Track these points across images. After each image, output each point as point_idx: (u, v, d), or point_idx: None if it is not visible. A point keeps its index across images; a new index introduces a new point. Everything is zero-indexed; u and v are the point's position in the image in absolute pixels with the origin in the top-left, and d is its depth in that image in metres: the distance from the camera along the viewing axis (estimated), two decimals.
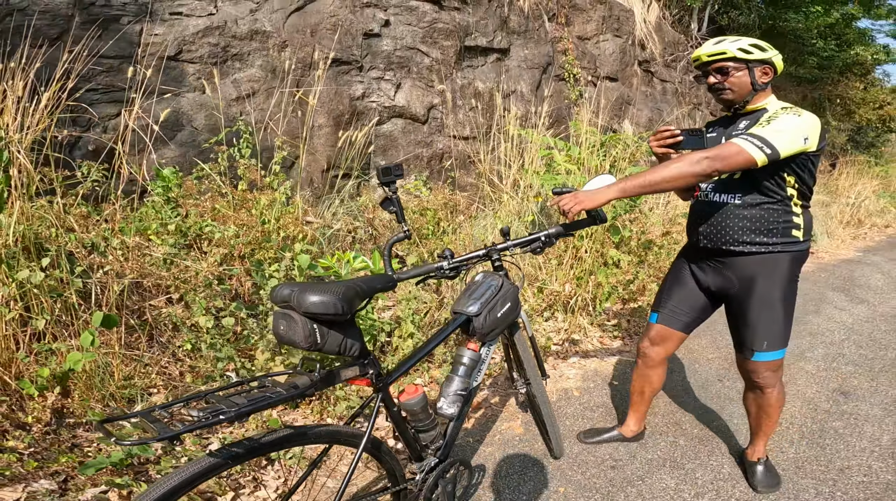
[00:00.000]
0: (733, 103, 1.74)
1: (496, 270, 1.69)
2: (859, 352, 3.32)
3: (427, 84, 5.01)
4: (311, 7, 4.45)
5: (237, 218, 2.84)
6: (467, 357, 1.47)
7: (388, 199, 1.60)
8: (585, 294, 3.32)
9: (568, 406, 2.58)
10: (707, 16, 9.68)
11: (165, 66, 3.84)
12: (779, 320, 1.71)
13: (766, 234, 1.68)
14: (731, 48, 1.67)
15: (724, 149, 1.53)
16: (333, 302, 1.09)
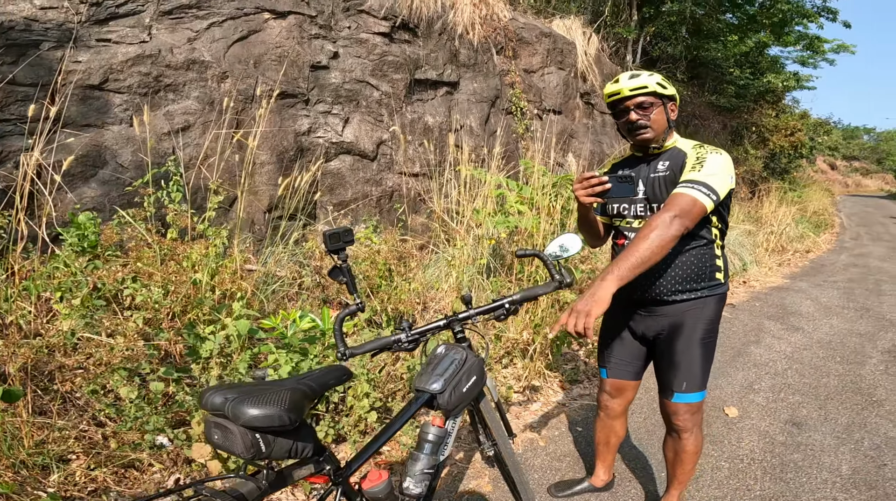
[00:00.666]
0: (650, 142, 1.69)
1: (458, 341, 1.60)
2: (803, 381, 3.44)
3: (376, 118, 4.88)
4: (256, 37, 4.22)
5: (165, 272, 2.55)
6: (432, 433, 1.40)
7: (338, 269, 1.48)
8: (543, 340, 3.28)
9: (535, 457, 2.52)
10: (640, 47, 10.26)
11: (88, 95, 3.48)
12: (698, 361, 1.72)
13: (696, 281, 1.69)
14: (651, 82, 1.63)
15: (683, 203, 1.49)
16: (278, 414, 1.00)
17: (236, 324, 2.20)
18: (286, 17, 4.39)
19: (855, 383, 3.39)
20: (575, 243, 1.67)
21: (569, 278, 1.60)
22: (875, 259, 8.52)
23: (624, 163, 1.83)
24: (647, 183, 1.69)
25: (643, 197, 1.70)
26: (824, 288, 6.24)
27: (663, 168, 1.67)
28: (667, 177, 1.66)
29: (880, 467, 2.39)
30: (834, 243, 10.66)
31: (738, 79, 13.25)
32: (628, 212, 1.75)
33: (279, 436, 1.04)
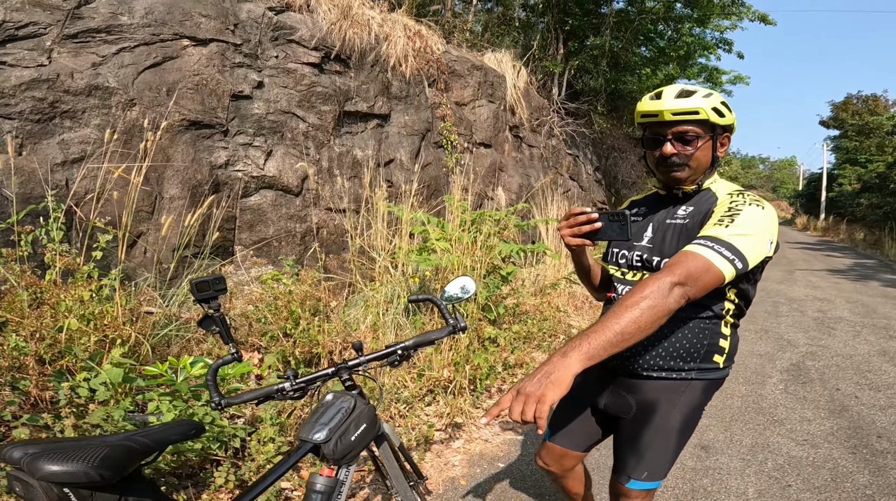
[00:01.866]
0: (683, 182, 1.35)
1: (348, 389, 1.55)
2: (710, 403, 3.64)
3: (302, 152, 4.75)
4: (171, 64, 4.00)
5: (37, 317, 2.31)
6: (321, 483, 1.34)
7: (209, 318, 1.42)
8: (463, 379, 3.27)
9: (455, 497, 2.47)
10: (566, 81, 10.84)
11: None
12: (669, 452, 1.43)
13: (685, 359, 1.35)
14: (705, 106, 1.27)
15: (692, 266, 1.12)
16: (84, 470, 0.95)
17: (108, 372, 2.05)
18: (207, 44, 4.22)
19: (757, 403, 3.62)
20: (470, 286, 1.66)
21: (462, 323, 1.59)
22: (773, 282, 9.37)
23: (644, 201, 1.51)
24: (658, 228, 1.37)
25: (648, 244, 1.37)
26: None
27: (683, 214, 1.34)
28: (685, 225, 1.32)
29: (785, 488, 2.53)
30: None
31: None
32: (624, 261, 1.43)
33: (99, 491, 1.00)
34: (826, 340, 5.29)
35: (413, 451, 2.76)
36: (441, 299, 1.65)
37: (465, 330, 1.60)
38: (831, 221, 24.64)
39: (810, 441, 3.03)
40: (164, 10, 4.01)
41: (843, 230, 21.38)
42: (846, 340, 5.28)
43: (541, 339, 4.56)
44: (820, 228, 25.47)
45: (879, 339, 5.31)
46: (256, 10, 4.61)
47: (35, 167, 3.28)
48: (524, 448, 2.97)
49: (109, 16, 3.77)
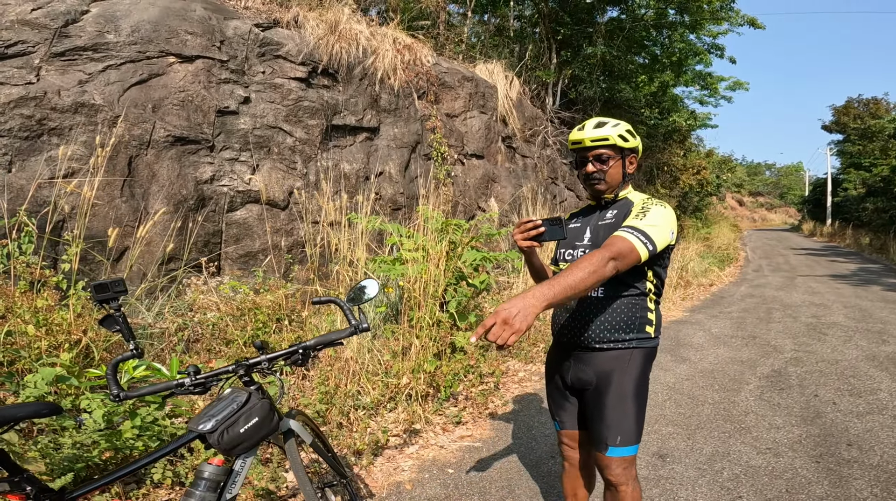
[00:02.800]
0: (602, 193, 1.73)
1: (246, 385, 1.63)
2: (678, 411, 3.52)
3: (289, 166, 4.84)
4: (157, 81, 4.14)
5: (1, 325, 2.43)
6: (208, 471, 1.44)
7: (110, 317, 1.50)
8: (421, 385, 3.32)
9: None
10: (560, 90, 10.92)
11: None
12: (631, 415, 1.69)
13: (624, 330, 1.67)
14: (613, 134, 1.67)
15: (622, 247, 1.49)
16: None
17: (42, 372, 2.18)
18: (193, 61, 4.35)
19: (727, 411, 3.60)
20: (373, 288, 1.76)
21: (364, 323, 1.67)
22: (772, 288, 9.32)
23: (581, 212, 1.88)
24: (594, 229, 1.73)
25: (588, 242, 1.74)
26: (719, 319, 6.74)
27: (610, 216, 1.71)
28: (612, 224, 1.69)
29: (735, 499, 2.51)
30: (737, 276, 11.56)
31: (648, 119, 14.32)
32: (570, 257, 1.77)
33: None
34: (814, 345, 5.26)
35: (363, 455, 2.81)
36: (345, 301, 1.73)
37: (367, 330, 1.68)
38: (837, 226, 24.42)
39: (774, 449, 3.01)
40: (150, 28, 4.15)
41: (849, 235, 21.19)
42: (835, 345, 5.25)
43: (517, 347, 4.59)
44: (826, 234, 25.25)
45: (871, 344, 5.27)
46: (243, 27, 4.75)
47: (24, 183, 3.40)
48: (477, 454, 3.00)
49: (96, 34, 3.91)
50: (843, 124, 25.48)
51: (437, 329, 3.49)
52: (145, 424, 2.25)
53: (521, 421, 3.44)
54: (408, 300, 3.55)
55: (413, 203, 5.95)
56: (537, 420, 3.47)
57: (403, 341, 3.44)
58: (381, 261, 3.67)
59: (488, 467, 2.84)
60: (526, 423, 3.41)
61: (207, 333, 3.28)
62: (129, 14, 4.17)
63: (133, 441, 2.20)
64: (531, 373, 4.33)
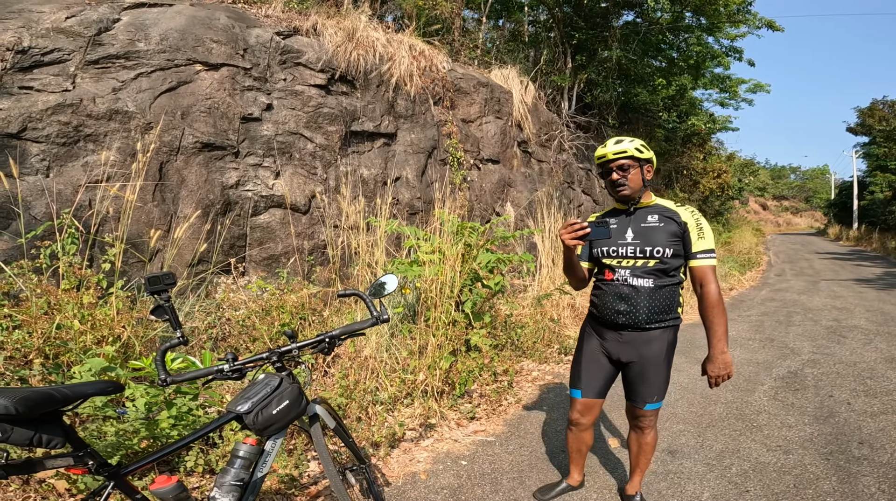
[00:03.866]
0: (629, 198, 2.08)
1: (278, 371, 1.75)
2: (690, 410, 3.57)
3: (309, 171, 5.01)
4: (185, 89, 4.34)
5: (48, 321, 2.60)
6: (243, 450, 1.56)
7: (160, 307, 1.63)
8: (435, 379, 3.42)
9: (413, 489, 2.60)
10: (575, 94, 10.95)
11: (6, 144, 3.47)
12: (663, 378, 2.16)
13: (666, 312, 2.07)
14: (630, 147, 2.02)
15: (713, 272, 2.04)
16: (4, 404, 1.16)
17: (88, 361, 2.32)
18: (219, 68, 4.55)
19: (740, 410, 3.62)
20: (393, 282, 1.92)
21: (385, 314, 1.83)
22: (794, 293, 9.18)
23: (607, 214, 2.21)
24: (639, 231, 2.07)
25: (633, 242, 2.07)
26: (737, 322, 6.68)
27: (654, 220, 2.06)
28: (661, 228, 2.05)
29: (742, 493, 2.55)
30: (758, 280, 11.39)
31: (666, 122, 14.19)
32: (617, 254, 2.11)
33: (17, 426, 1.21)
34: (833, 348, 5.21)
35: (380, 447, 2.93)
36: (367, 294, 1.87)
37: (387, 322, 1.86)
38: (864, 230, 23.79)
39: (784, 446, 3.03)
40: (178, 36, 4.36)
41: (875, 239, 20.64)
42: (854, 348, 5.19)
43: (531, 348, 4.66)
44: (853, 238, 24.61)
45: (891, 347, 5.20)
46: (265, 35, 4.94)
47: (62, 188, 3.61)
48: (490, 448, 3.08)
49: (128, 42, 4.12)
50: (869, 126, 24.87)
51: (453, 328, 3.59)
52: (181, 413, 2.38)
53: (533, 418, 3.51)
54: (424, 300, 3.65)
55: (430, 207, 6.07)
56: (549, 416, 3.54)
57: (420, 340, 3.55)
58: (399, 263, 3.79)
59: (500, 459, 2.93)
60: (538, 420, 3.48)
61: (235, 331, 3.44)
62: (157, 22, 4.38)
63: (169, 431, 2.32)
64: (545, 373, 4.39)
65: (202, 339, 3.29)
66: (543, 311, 5.14)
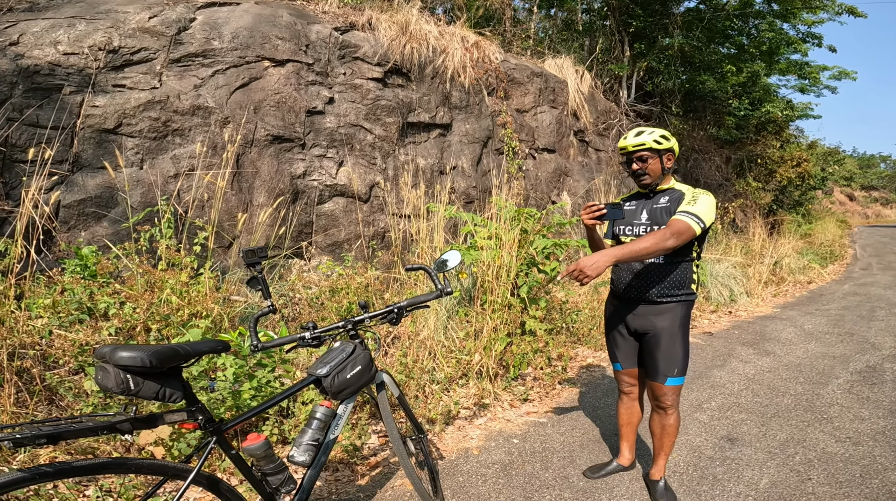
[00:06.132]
0: (649, 185, 2.21)
1: (352, 339, 1.89)
2: (755, 400, 3.49)
3: (369, 161, 5.22)
4: (256, 84, 4.66)
5: (150, 297, 2.90)
6: (320, 412, 1.69)
7: (255, 278, 1.79)
8: (490, 361, 3.48)
9: (465, 463, 2.70)
10: (634, 83, 10.60)
11: (104, 139, 3.88)
12: (681, 351, 2.20)
13: (678, 288, 2.16)
14: (649, 139, 2.13)
15: (681, 226, 1.97)
16: (140, 356, 1.27)
17: (189, 333, 2.58)
18: (285, 64, 4.84)
19: (810, 402, 3.46)
20: (456, 257, 2.01)
21: (448, 288, 1.93)
22: (879, 287, 8.47)
23: (631, 197, 2.35)
24: (651, 211, 2.21)
25: (647, 221, 2.21)
26: (814, 315, 6.28)
27: (664, 201, 2.17)
28: (668, 208, 2.16)
29: (804, 481, 2.46)
30: (841, 274, 10.57)
31: (737, 110, 13.38)
32: (632, 232, 2.25)
33: (147, 379, 1.31)
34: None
35: (436, 423, 3.05)
36: (432, 268, 1.99)
37: (451, 294, 1.98)
38: None
39: (854, 438, 2.89)
40: (247, 34, 4.67)
41: None
42: None
43: (587, 335, 4.63)
44: None
45: None
46: (324, 31, 5.19)
47: (153, 179, 4.00)
48: (542, 428, 3.13)
49: (204, 41, 4.47)
50: None
51: (509, 312, 3.66)
52: (260, 385, 2.59)
53: (586, 402, 3.52)
54: (481, 284, 3.74)
55: (485, 196, 6.14)
56: (603, 401, 3.53)
57: (476, 323, 3.65)
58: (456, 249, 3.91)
59: (551, 439, 2.98)
60: (591, 404, 3.49)
61: (305, 311, 3.69)
62: (228, 21, 4.71)
63: (249, 401, 2.53)
64: (600, 360, 4.36)
65: (275, 319, 3.56)
66: (600, 299, 5.08)
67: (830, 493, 2.38)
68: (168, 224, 3.23)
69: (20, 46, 3.76)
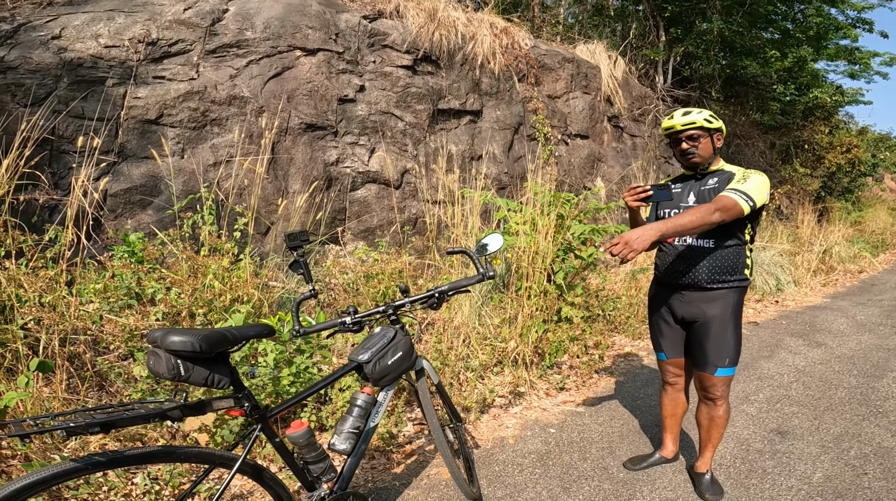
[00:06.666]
0: (698, 165, 2.10)
1: (392, 324, 1.85)
2: (806, 393, 3.36)
3: (400, 148, 5.21)
4: (289, 74, 4.69)
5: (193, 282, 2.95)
6: (361, 399, 1.66)
7: (297, 262, 1.78)
8: (526, 349, 3.42)
9: (501, 453, 2.65)
10: (671, 68, 10.24)
11: (146, 129, 3.99)
12: (733, 340, 2.09)
13: (729, 273, 2.05)
14: (699, 118, 2.04)
15: (727, 202, 1.86)
16: (191, 341, 1.25)
17: (232, 317, 2.60)
18: (315, 53, 4.86)
19: (865, 395, 3.28)
20: (498, 241, 1.94)
21: (491, 271, 1.86)
22: None
23: (676, 179, 2.25)
24: (699, 193, 2.10)
25: (694, 203, 2.10)
26: (866, 306, 5.96)
27: (713, 183, 2.07)
28: (716, 188, 2.06)
29: (859, 476, 2.34)
30: (893, 263, 10.04)
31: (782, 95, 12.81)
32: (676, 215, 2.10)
33: (198, 364, 1.29)
34: None
35: (471, 411, 3.01)
36: (473, 252, 1.93)
37: (493, 278, 1.88)
38: None
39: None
40: (278, 24, 4.70)
41: None
42: None
43: (624, 323, 4.51)
44: None
45: None
46: (353, 19, 5.18)
47: (194, 168, 4.09)
48: (579, 418, 3.06)
49: (237, 31, 4.52)
50: None
51: (545, 298, 3.59)
52: (299, 371, 2.59)
53: (625, 392, 3.43)
54: (516, 270, 3.68)
55: (517, 182, 6.06)
56: (643, 391, 3.43)
57: (511, 309, 3.59)
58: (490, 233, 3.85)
59: (589, 429, 2.91)
60: (631, 394, 3.40)
61: (340, 296, 3.71)
62: (259, 11, 4.74)
63: (288, 387, 2.54)
64: (639, 349, 4.25)
65: (311, 305, 3.59)
66: (638, 286, 4.94)
67: (887, 488, 2.26)
68: (210, 210, 3.29)
69: (63, 40, 3.89)
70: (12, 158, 2.80)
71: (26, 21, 3.95)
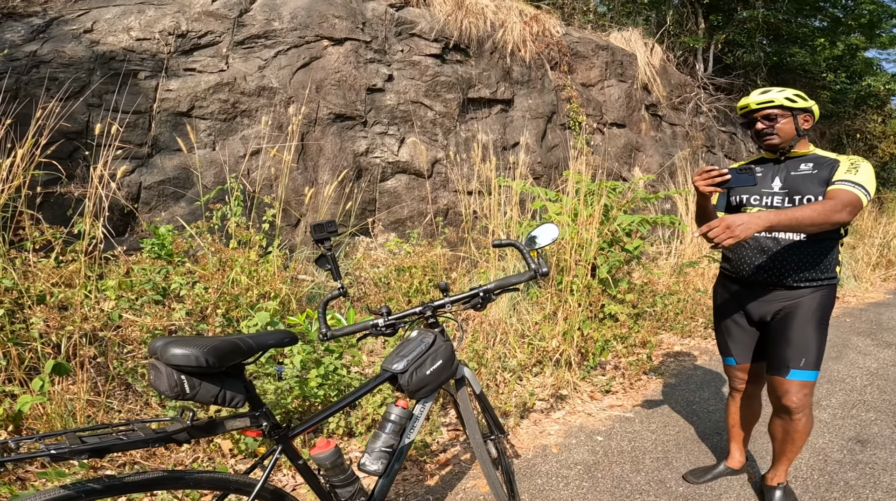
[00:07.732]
0: (778, 147, 1.86)
1: (430, 327, 1.63)
2: (882, 397, 3.10)
3: (430, 138, 5.05)
4: (317, 64, 4.59)
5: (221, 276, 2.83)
6: (395, 414, 1.45)
7: (323, 256, 1.58)
8: (570, 348, 3.18)
9: (544, 463, 2.43)
10: (711, 55, 9.81)
11: (178, 122, 3.94)
12: (814, 341, 1.81)
13: (821, 270, 1.82)
14: (779, 97, 1.83)
15: (853, 198, 1.66)
16: (196, 354, 1.07)
17: (256, 316, 2.44)
18: (343, 43, 4.73)
19: None
20: (552, 232, 1.68)
21: (544, 267, 1.61)
22: None
23: (754, 162, 1.99)
24: (788, 179, 1.85)
25: (781, 190, 1.86)
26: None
27: (807, 168, 1.83)
28: (814, 175, 1.80)
29: None
30: None
31: (832, 83, 12.21)
32: (759, 203, 1.89)
33: (205, 380, 1.12)
34: None
35: (510, 416, 2.79)
36: (524, 245, 1.67)
37: (546, 275, 1.63)
38: None
39: None
40: (305, 14, 4.60)
41: None
42: None
43: (672, 320, 4.21)
44: None
45: None
46: (379, 8, 5.03)
47: (225, 159, 4.02)
48: (629, 424, 2.81)
49: (265, 22, 4.44)
50: None
51: (588, 294, 3.35)
52: (327, 372, 2.40)
53: (678, 396, 3.17)
54: (556, 264, 3.45)
55: (551, 172, 5.83)
56: (698, 395, 3.17)
57: (550, 305, 3.37)
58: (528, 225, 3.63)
59: (642, 438, 2.66)
60: (685, 398, 3.14)
61: (371, 291, 3.56)
62: (286, 2, 4.65)
63: (316, 390, 2.36)
64: (690, 348, 3.97)
65: (342, 300, 3.45)
66: (687, 280, 4.64)
67: None
68: (238, 202, 3.18)
69: (95, 33, 3.87)
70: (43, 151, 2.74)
71: (58, 15, 3.95)
